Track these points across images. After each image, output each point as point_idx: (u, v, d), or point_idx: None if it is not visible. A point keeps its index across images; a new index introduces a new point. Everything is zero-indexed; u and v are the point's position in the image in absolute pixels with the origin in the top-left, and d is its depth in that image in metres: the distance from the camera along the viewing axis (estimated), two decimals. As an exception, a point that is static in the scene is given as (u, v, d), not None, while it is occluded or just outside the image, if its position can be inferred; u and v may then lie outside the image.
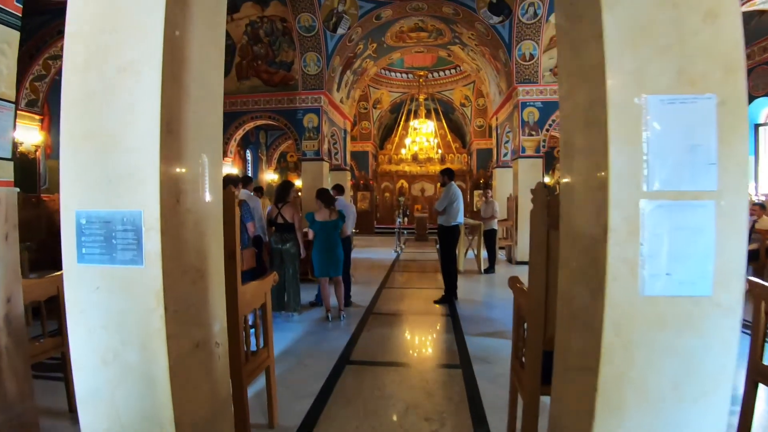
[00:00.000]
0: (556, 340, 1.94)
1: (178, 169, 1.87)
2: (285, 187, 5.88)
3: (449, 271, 6.89)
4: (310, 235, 5.80)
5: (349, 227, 6.72)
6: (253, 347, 2.92)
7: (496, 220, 9.87)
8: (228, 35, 10.70)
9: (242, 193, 6.23)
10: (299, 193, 11.78)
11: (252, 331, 2.96)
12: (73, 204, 1.85)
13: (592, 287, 1.60)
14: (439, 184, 15.20)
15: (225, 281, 2.35)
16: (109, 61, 1.80)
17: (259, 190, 9.04)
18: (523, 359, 2.42)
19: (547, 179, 11.16)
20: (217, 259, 2.26)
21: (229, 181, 5.11)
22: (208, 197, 2.14)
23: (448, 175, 6.87)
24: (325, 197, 5.76)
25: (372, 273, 9.77)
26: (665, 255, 1.47)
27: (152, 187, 1.74)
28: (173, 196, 1.84)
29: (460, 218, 6.87)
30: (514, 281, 2.61)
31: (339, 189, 7.07)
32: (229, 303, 2.44)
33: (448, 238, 6.80)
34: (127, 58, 1.78)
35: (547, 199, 2.08)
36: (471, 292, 7.65)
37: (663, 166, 1.45)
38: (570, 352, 1.80)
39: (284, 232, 5.78)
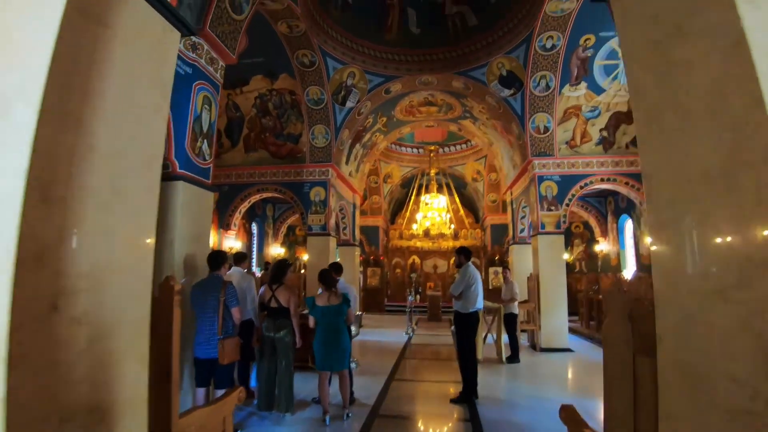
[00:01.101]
0: None
1: (57, 258, 1.22)
2: (281, 266, 5.21)
3: (468, 363, 5.96)
4: (311, 323, 5.03)
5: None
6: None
7: (516, 303, 8.99)
8: (237, 107, 10.63)
9: (233, 271, 5.58)
10: (303, 270, 11.10)
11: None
12: None
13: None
14: (453, 263, 14.21)
15: (154, 414, 1.62)
16: (-25, 96, 1.22)
17: (267, 266, 8.43)
18: None
19: (566, 256, 10.38)
20: (138, 386, 1.54)
21: (214, 258, 4.46)
22: (124, 297, 1.47)
23: (464, 254, 6.15)
24: (326, 279, 5.07)
25: (381, 359, 8.79)
26: None
27: (-1, 288, 1.08)
28: (43, 302, 1.17)
29: (480, 303, 6.04)
30: (571, 418, 1.81)
31: (336, 268, 6.25)
32: (157, 447, 1.68)
33: (465, 327, 5.94)
34: (-4, 91, 1.20)
35: (630, 308, 1.35)
36: (493, 388, 6.63)
37: None
38: None
39: (278, 318, 5.02)
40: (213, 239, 10.80)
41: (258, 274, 6.22)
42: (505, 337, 8.97)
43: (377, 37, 10.34)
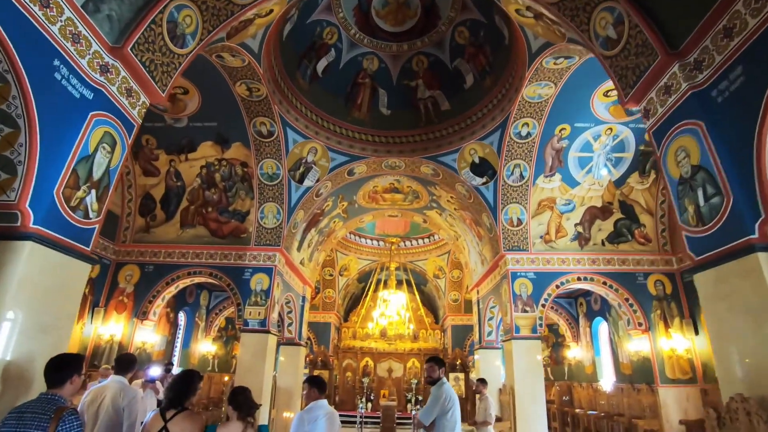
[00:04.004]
0: None
1: None
2: (185, 381, 3.40)
3: None
4: None
5: None
6: None
7: (491, 426, 7.32)
8: (179, 176, 9.30)
9: (111, 382, 3.81)
10: (228, 377, 9.08)
11: None
12: None
13: None
14: (423, 376, 11.58)
15: None
16: None
17: (168, 367, 6.55)
18: None
19: (538, 359, 9.03)
20: None
21: (54, 368, 2.74)
22: None
23: (440, 366, 4.60)
24: (239, 401, 3.38)
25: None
26: None
27: None
28: None
29: None
30: None
31: (319, 385, 3.96)
32: None
33: None
34: None
35: None
36: None
37: None
38: None
39: None
40: (123, 331, 8.75)
41: (158, 382, 4.26)
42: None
43: (344, 113, 9.63)
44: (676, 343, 8.85)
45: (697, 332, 8.79)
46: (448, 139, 9.56)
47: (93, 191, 3.72)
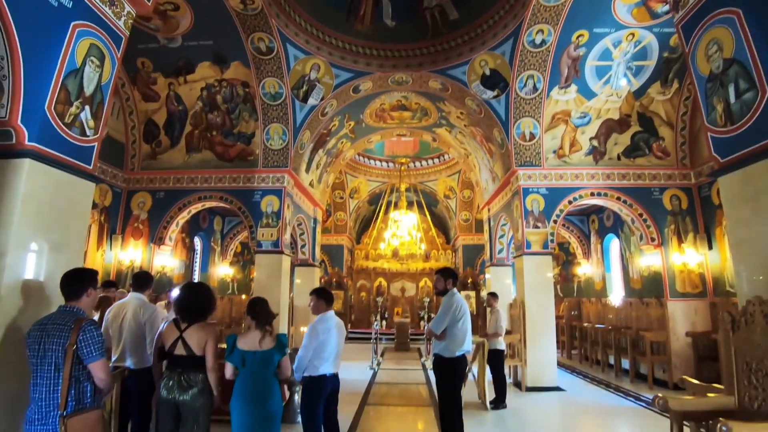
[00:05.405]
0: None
1: None
2: (197, 292, 3.50)
3: (452, 422, 4.48)
4: (229, 372, 3.41)
5: (330, 363, 4.13)
6: None
7: (502, 338, 7.59)
8: (179, 99, 9.04)
9: (130, 299, 3.95)
10: (246, 298, 9.38)
11: None
12: None
13: None
14: (433, 290, 11.66)
15: None
16: None
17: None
18: None
19: (549, 274, 9.16)
20: None
21: (69, 280, 2.79)
22: None
23: (450, 277, 4.65)
24: (256, 311, 3.49)
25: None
26: None
27: None
28: None
29: (467, 345, 4.51)
30: None
31: (327, 298, 4.17)
32: None
33: (449, 377, 4.41)
34: None
35: None
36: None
37: None
38: None
39: (187, 372, 3.23)
40: (142, 256, 9.00)
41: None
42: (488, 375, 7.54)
43: (347, 27, 9.04)
44: (689, 258, 8.82)
45: (710, 247, 8.72)
46: (457, 50, 9.01)
47: (87, 107, 3.58)
